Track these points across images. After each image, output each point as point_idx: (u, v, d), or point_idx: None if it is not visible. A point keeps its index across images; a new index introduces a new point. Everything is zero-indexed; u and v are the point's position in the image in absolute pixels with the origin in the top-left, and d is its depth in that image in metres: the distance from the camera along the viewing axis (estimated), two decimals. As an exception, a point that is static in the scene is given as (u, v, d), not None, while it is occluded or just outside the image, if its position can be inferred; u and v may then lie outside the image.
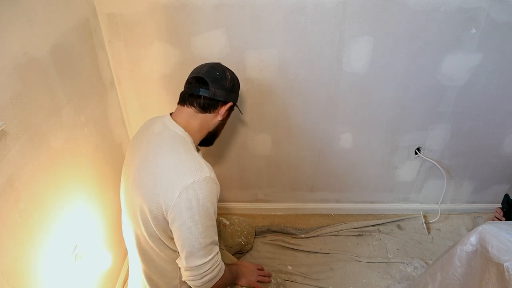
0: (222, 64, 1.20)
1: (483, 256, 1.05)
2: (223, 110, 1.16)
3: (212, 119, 1.17)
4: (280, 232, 1.86)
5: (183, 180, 1.00)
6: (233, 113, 1.29)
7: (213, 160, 1.79)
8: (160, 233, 1.09)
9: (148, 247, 1.14)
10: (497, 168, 1.76)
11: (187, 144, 1.10)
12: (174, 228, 1.04)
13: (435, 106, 1.56)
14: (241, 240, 1.65)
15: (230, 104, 1.17)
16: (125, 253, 1.63)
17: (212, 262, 1.08)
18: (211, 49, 1.43)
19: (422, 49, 1.40)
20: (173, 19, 1.37)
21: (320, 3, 1.31)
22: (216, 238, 1.10)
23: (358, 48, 1.41)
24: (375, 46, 1.40)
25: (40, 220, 1.04)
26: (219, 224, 1.62)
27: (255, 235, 1.79)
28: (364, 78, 1.48)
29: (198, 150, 1.24)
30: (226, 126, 1.64)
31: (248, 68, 1.47)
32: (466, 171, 1.78)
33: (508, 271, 0.95)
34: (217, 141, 1.70)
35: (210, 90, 1.12)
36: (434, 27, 1.35)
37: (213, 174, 1.05)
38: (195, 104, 1.13)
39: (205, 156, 1.76)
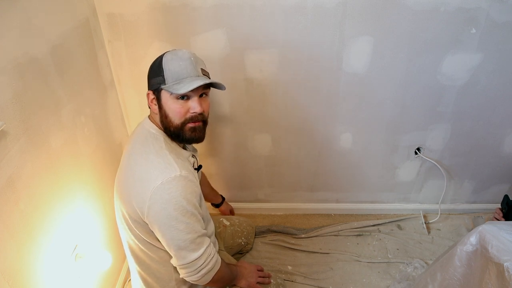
0: (169, 51, 1.10)
1: (483, 256, 1.05)
2: (148, 101, 1.12)
3: (153, 113, 1.13)
4: (280, 232, 1.86)
5: (152, 182, 0.98)
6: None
7: (213, 160, 1.79)
8: (145, 235, 1.08)
9: (139, 250, 1.14)
10: (497, 168, 1.76)
11: (159, 143, 1.07)
12: (155, 231, 1.03)
13: (435, 106, 1.56)
14: (241, 240, 1.65)
15: (147, 92, 1.10)
16: (125, 253, 1.63)
17: (205, 256, 1.06)
18: (211, 49, 1.43)
19: (422, 49, 1.40)
20: (173, 19, 1.37)
21: (320, 3, 1.31)
22: (204, 231, 1.08)
23: (358, 48, 1.41)
24: (375, 46, 1.40)
25: (40, 220, 1.04)
26: (220, 225, 1.62)
27: (255, 235, 1.79)
28: (364, 78, 1.48)
29: (185, 148, 1.20)
30: (225, 126, 1.65)
31: (248, 68, 1.47)
32: (466, 171, 1.78)
33: (508, 271, 0.94)
34: (217, 141, 1.71)
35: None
36: (434, 27, 1.35)
37: (184, 172, 1.01)
38: None
39: (205, 156, 1.77)
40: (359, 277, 1.65)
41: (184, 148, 1.19)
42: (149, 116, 1.16)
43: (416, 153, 1.72)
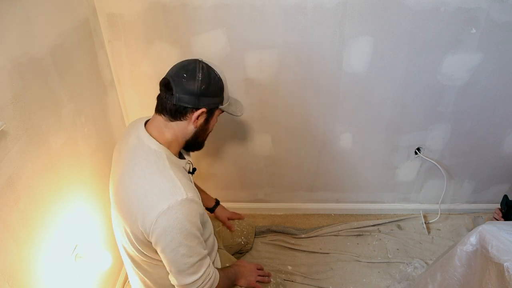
0: (202, 61, 1.06)
1: (483, 256, 1.05)
2: (194, 117, 1.04)
3: (186, 126, 1.06)
4: (280, 232, 1.86)
5: (158, 206, 0.96)
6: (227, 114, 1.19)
7: (213, 160, 1.79)
8: (147, 250, 1.07)
9: (140, 260, 1.13)
10: (497, 168, 1.76)
11: (162, 161, 1.02)
12: (158, 250, 1.02)
13: (435, 106, 1.56)
14: (241, 240, 1.65)
15: (202, 110, 1.03)
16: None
17: (203, 278, 1.06)
18: (211, 49, 1.43)
19: (422, 49, 1.40)
20: (173, 19, 1.37)
21: (320, 3, 1.31)
22: (205, 252, 1.07)
23: (358, 48, 1.41)
24: (375, 46, 1.40)
25: (40, 220, 1.04)
26: (219, 224, 1.62)
27: (255, 235, 1.79)
28: (364, 78, 1.48)
29: (182, 157, 1.17)
30: (225, 126, 1.65)
31: (248, 68, 1.47)
32: (466, 171, 1.78)
33: (508, 271, 0.94)
34: (217, 141, 1.71)
35: (175, 95, 1.01)
36: (434, 27, 1.35)
37: (190, 194, 0.99)
38: (164, 112, 1.04)
39: (205, 156, 1.77)
40: (359, 277, 1.65)
41: (181, 157, 1.16)
42: (145, 126, 1.08)
43: (416, 153, 1.72)
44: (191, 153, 1.29)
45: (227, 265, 1.39)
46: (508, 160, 1.72)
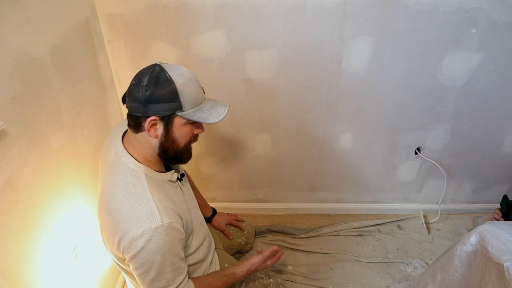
0: (159, 65, 0.98)
1: (483, 256, 1.05)
2: (147, 126, 0.96)
3: (148, 138, 0.99)
4: (280, 232, 1.86)
5: (133, 231, 0.93)
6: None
7: (213, 160, 1.79)
8: (127, 265, 1.04)
9: (126, 267, 1.09)
10: (497, 168, 1.76)
11: (140, 183, 0.99)
12: (131, 267, 1.00)
13: (435, 106, 1.56)
14: (241, 240, 1.65)
15: (152, 118, 0.95)
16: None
17: None
18: (211, 49, 1.43)
19: (422, 49, 1.40)
20: (173, 19, 1.37)
21: (320, 3, 1.31)
22: (179, 280, 1.03)
23: (358, 48, 1.41)
24: (375, 46, 1.40)
25: (40, 220, 1.04)
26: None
27: (255, 235, 1.79)
28: (364, 78, 1.48)
29: (169, 167, 1.13)
30: (225, 126, 1.65)
31: (248, 68, 1.47)
32: (466, 171, 1.78)
33: (508, 271, 0.94)
34: (217, 141, 1.72)
35: (127, 104, 0.98)
36: (434, 27, 1.35)
37: (166, 220, 0.95)
38: (128, 124, 1.01)
39: (205, 156, 1.77)
40: (359, 277, 1.65)
41: (168, 168, 1.13)
42: (123, 141, 1.04)
43: (416, 153, 1.72)
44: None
45: (226, 266, 1.39)
46: (508, 160, 1.72)
